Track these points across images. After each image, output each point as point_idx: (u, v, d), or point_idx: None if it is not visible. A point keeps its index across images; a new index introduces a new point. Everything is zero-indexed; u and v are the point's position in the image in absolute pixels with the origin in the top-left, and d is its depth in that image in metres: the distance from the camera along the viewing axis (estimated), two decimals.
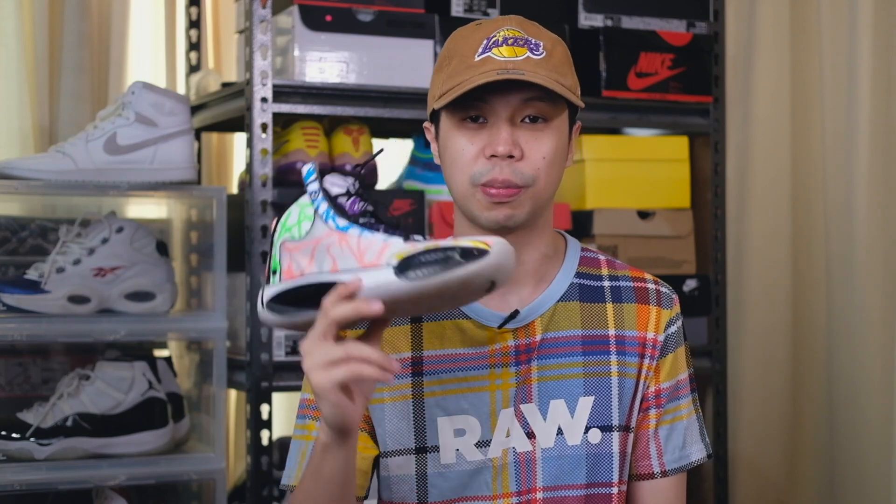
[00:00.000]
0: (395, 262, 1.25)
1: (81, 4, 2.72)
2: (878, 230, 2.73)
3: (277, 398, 2.38)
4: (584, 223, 2.64)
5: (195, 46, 2.94)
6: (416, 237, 1.28)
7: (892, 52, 2.72)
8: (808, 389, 2.98)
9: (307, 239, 1.33)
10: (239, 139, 3.00)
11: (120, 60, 2.81)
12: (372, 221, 1.32)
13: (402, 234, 1.29)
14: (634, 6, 2.68)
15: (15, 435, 2.20)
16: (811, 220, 2.98)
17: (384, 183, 2.75)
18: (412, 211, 2.45)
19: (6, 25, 2.62)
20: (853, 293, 2.75)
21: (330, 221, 1.32)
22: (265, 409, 2.31)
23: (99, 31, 2.80)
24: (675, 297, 1.59)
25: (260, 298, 1.37)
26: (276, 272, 1.35)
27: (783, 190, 3.02)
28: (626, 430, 1.54)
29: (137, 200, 2.54)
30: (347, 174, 1.38)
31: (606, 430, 1.52)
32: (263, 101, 2.32)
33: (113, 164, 2.23)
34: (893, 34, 2.71)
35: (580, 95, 1.52)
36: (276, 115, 2.35)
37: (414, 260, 1.25)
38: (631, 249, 2.65)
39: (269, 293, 1.35)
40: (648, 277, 1.59)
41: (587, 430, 1.51)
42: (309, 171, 1.36)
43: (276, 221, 1.39)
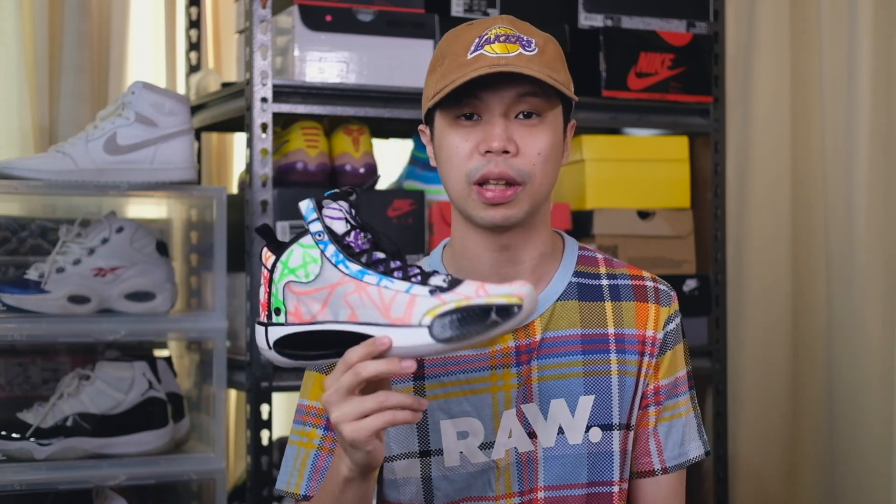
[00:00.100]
0: (428, 321, 1.24)
1: (81, 4, 2.72)
2: (878, 230, 2.72)
3: (277, 398, 2.38)
4: (584, 223, 2.64)
5: (195, 46, 2.94)
6: (434, 280, 1.27)
7: (892, 52, 2.72)
8: (808, 389, 2.98)
9: (317, 284, 1.29)
10: (239, 139, 3.00)
11: (120, 60, 2.81)
12: (381, 258, 1.29)
13: (416, 273, 1.27)
14: (634, 6, 2.68)
15: (15, 435, 2.20)
16: (811, 220, 2.98)
17: (384, 183, 2.75)
18: (412, 211, 2.44)
19: (6, 25, 2.62)
20: (853, 293, 2.74)
21: (341, 266, 1.29)
22: (265, 409, 2.31)
23: (99, 31, 2.80)
24: (673, 294, 1.59)
25: (264, 338, 1.32)
26: (279, 312, 1.31)
27: (783, 190, 3.02)
28: (626, 428, 1.54)
29: (137, 200, 2.54)
30: (340, 195, 1.33)
31: (607, 428, 1.52)
32: (263, 101, 2.32)
33: (113, 164, 2.23)
34: (893, 34, 2.71)
35: (575, 95, 1.51)
36: (276, 115, 2.35)
37: (447, 319, 1.24)
38: (631, 249, 2.64)
39: (277, 334, 1.31)
40: (646, 275, 1.59)
41: (588, 429, 1.51)
42: (309, 209, 1.31)
43: (269, 256, 1.33)
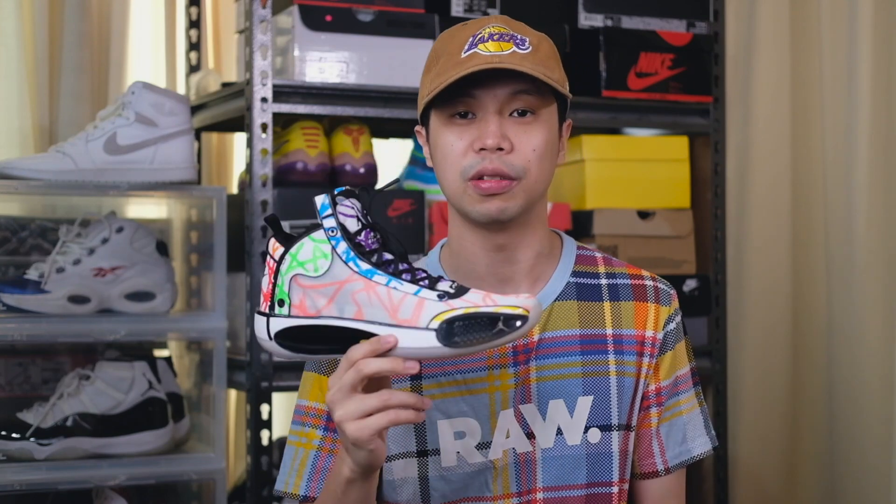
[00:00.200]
0: (436, 325, 1.25)
1: (81, 4, 2.72)
2: (878, 230, 2.72)
3: (277, 398, 2.38)
4: (584, 223, 2.64)
5: (195, 46, 2.94)
6: (442, 285, 1.28)
7: (892, 52, 2.72)
8: (808, 389, 2.98)
9: (326, 279, 1.30)
10: (239, 139, 3.00)
11: (120, 60, 2.81)
12: (390, 259, 1.30)
13: (424, 277, 1.29)
14: (634, 6, 2.68)
15: (15, 435, 2.20)
16: (811, 220, 2.98)
17: (384, 183, 2.75)
18: (412, 211, 2.45)
19: (6, 25, 2.62)
20: (853, 293, 2.74)
21: (351, 264, 1.30)
22: (265, 409, 2.31)
23: (99, 31, 2.80)
24: (672, 293, 1.59)
25: (265, 328, 1.33)
26: (283, 303, 1.32)
27: (783, 190, 3.02)
28: (626, 428, 1.53)
29: (137, 200, 2.54)
30: (353, 193, 1.34)
31: (606, 429, 1.52)
32: (263, 101, 2.32)
33: (113, 164, 2.23)
34: (893, 34, 2.71)
35: (572, 96, 1.52)
36: (276, 115, 2.35)
37: (455, 324, 1.25)
38: (631, 249, 2.64)
39: (279, 325, 1.32)
40: (646, 274, 1.59)
41: (586, 429, 1.51)
42: (324, 204, 1.32)
43: (277, 247, 1.33)
